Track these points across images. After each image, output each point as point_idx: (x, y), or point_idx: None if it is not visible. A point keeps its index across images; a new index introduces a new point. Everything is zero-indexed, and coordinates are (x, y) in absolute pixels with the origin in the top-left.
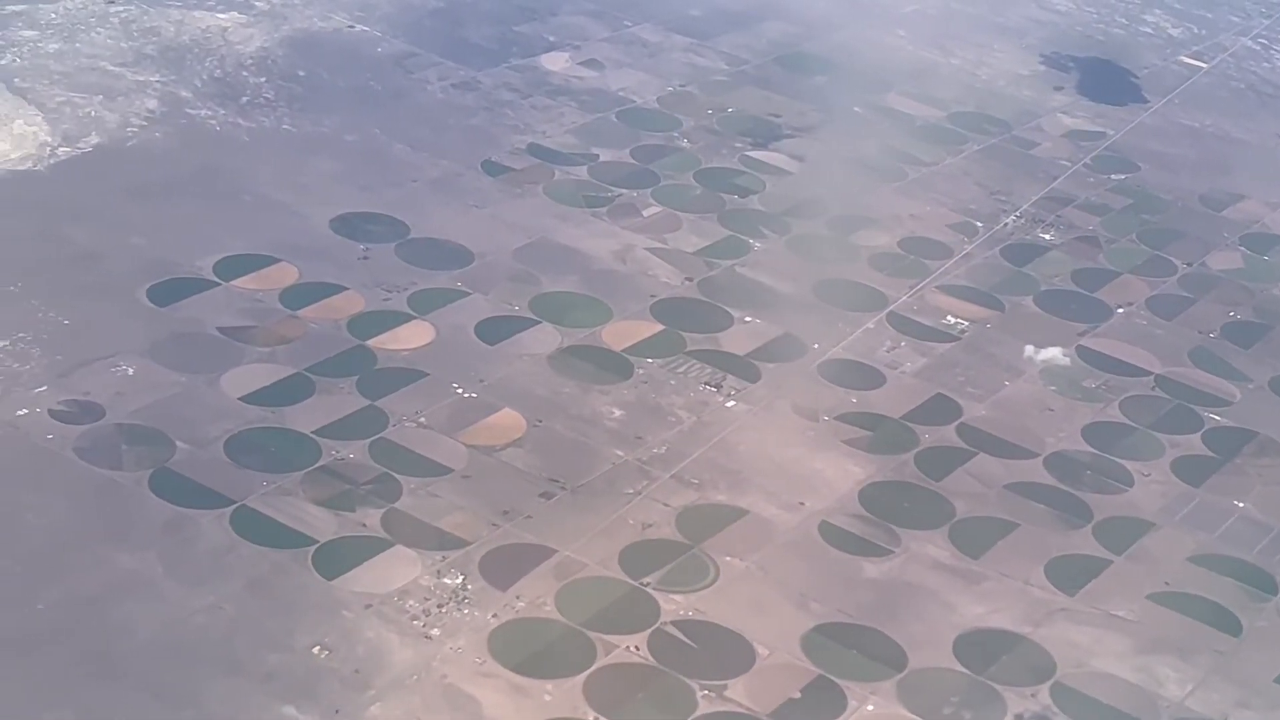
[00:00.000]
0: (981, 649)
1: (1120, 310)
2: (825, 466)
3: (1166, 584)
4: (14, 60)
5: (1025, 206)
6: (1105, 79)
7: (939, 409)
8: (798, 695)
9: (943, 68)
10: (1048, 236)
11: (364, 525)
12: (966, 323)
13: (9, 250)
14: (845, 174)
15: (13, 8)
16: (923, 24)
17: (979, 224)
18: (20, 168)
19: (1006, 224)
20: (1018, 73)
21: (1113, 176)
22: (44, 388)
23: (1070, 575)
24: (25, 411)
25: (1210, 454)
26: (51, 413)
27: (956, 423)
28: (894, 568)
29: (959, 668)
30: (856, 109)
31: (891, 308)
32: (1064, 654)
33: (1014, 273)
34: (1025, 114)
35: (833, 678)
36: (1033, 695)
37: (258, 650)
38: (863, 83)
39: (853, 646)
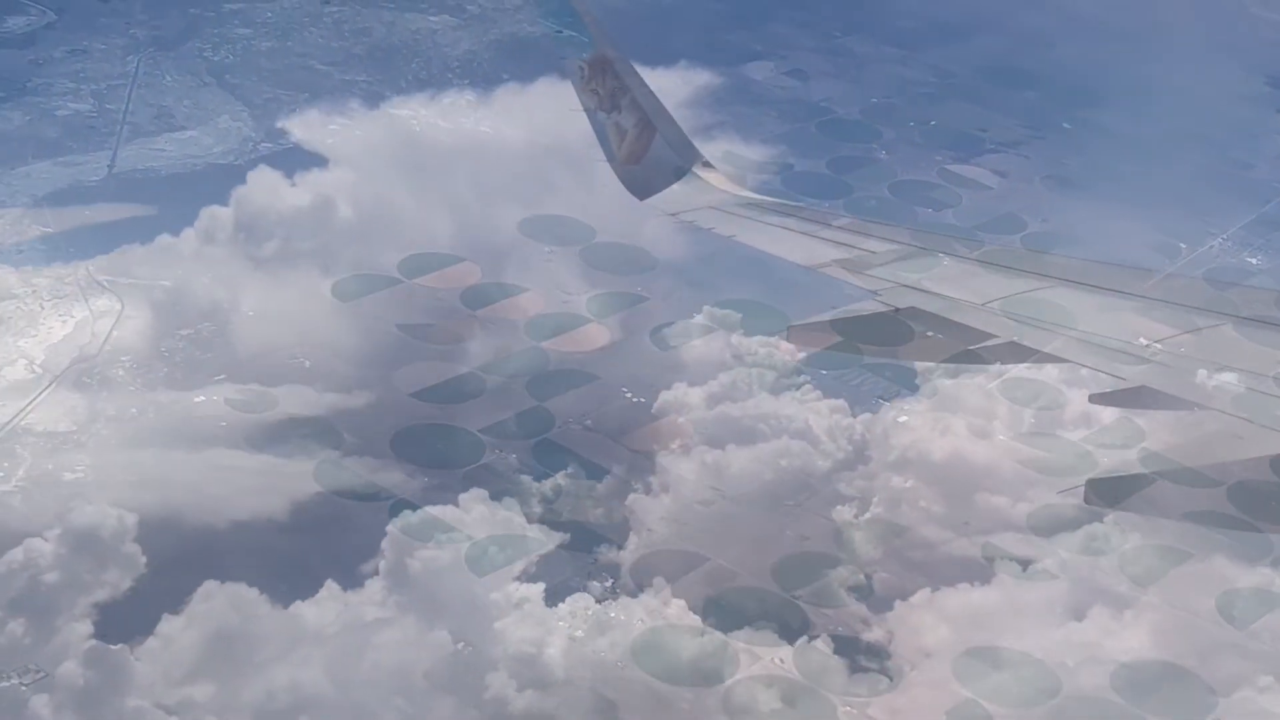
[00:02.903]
0: (1140, 680)
1: None
2: (995, 487)
3: None
4: (227, 57)
5: (1233, 229)
6: None
7: (1121, 432)
8: (943, 718)
9: (1159, 84)
10: (1254, 260)
11: (519, 525)
12: (1159, 345)
13: None
14: (1046, 190)
15: (231, 6)
16: (1142, 40)
17: (1182, 245)
18: (221, 162)
19: (1212, 246)
20: (1239, 92)
21: None
22: (222, 376)
23: (1243, 609)
24: (202, 398)
25: None
26: (227, 401)
27: (1138, 446)
28: (1057, 593)
29: (1114, 698)
30: (1066, 125)
31: (1081, 327)
32: (1227, 689)
33: (1215, 296)
34: (1242, 135)
35: (981, 701)
36: None
37: (398, 643)
38: (1074, 98)
39: (1005, 670)
